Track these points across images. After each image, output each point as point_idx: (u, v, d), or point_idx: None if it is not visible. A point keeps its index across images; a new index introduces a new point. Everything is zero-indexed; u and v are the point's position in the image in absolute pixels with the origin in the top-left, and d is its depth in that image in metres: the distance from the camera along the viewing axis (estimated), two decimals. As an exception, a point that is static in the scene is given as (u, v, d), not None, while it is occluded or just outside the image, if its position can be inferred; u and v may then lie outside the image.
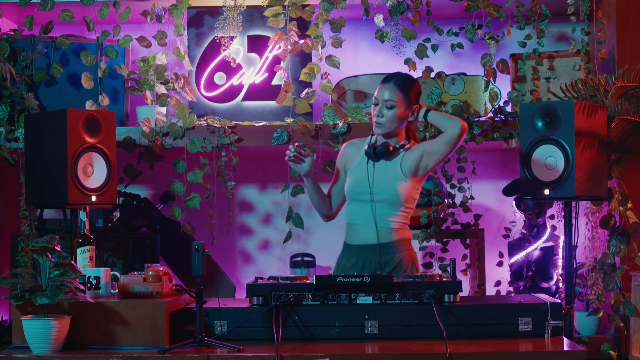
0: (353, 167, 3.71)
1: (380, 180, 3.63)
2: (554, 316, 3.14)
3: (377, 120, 3.62)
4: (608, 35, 4.69)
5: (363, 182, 3.64)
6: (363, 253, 3.65)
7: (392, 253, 3.64)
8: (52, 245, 3.04)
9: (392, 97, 3.60)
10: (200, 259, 3.02)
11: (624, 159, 4.33)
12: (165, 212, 4.94)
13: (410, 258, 3.70)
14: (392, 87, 3.61)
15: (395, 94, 3.60)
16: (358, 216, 3.68)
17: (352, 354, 2.95)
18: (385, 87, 3.62)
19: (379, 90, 3.63)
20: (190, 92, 4.76)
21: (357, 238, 3.68)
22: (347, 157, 3.77)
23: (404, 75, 3.68)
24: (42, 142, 3.93)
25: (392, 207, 3.63)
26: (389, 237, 3.65)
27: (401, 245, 3.66)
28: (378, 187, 3.62)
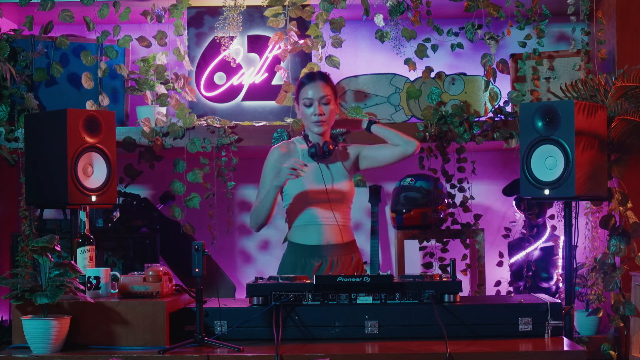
0: None
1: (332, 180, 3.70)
2: (554, 316, 3.14)
3: (320, 118, 3.69)
4: (608, 35, 4.69)
5: (318, 183, 3.67)
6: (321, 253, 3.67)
7: (354, 252, 3.72)
8: (52, 245, 3.04)
9: (327, 93, 3.71)
10: (200, 259, 3.02)
11: (624, 159, 4.33)
12: (165, 212, 4.94)
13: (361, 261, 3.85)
14: (322, 84, 3.72)
15: (327, 89, 3.73)
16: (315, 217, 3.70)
17: (352, 354, 2.95)
18: (315, 86, 3.71)
19: (310, 90, 3.70)
20: (190, 92, 4.76)
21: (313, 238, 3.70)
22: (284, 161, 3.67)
23: (320, 72, 3.82)
24: (42, 142, 3.93)
25: (343, 205, 3.70)
26: (349, 236, 3.71)
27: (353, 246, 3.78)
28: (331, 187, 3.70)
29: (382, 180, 5.16)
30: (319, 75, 3.76)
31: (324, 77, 3.77)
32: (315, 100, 3.69)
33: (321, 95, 3.69)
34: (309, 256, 3.70)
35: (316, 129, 3.70)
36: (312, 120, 3.69)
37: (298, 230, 3.75)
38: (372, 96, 4.83)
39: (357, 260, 3.79)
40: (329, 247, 3.70)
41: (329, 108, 3.71)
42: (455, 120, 4.60)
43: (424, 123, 4.63)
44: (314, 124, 3.69)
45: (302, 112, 3.74)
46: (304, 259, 3.71)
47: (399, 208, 4.77)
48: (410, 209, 4.75)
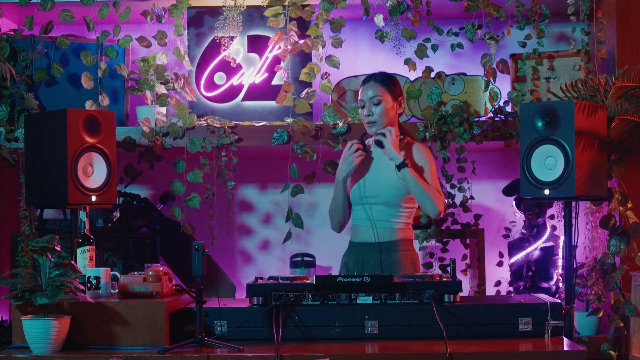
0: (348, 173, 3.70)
1: (377, 182, 3.63)
2: (554, 316, 3.14)
3: (369, 119, 3.64)
4: (608, 35, 4.69)
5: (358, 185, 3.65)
6: (363, 251, 3.66)
7: (391, 252, 3.64)
8: (52, 245, 3.04)
9: (377, 93, 3.63)
10: (200, 259, 3.02)
11: (624, 159, 4.33)
12: (165, 212, 4.94)
13: (410, 258, 3.70)
14: (374, 84, 3.65)
15: (379, 89, 3.64)
16: (358, 217, 3.69)
17: (352, 354, 2.95)
18: (368, 87, 3.65)
19: (362, 91, 3.66)
20: (190, 92, 4.76)
21: (359, 236, 3.69)
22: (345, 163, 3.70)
23: (382, 73, 3.73)
24: (42, 142, 3.93)
25: (390, 207, 3.64)
26: (388, 237, 3.65)
27: (400, 245, 3.66)
28: (376, 190, 3.63)
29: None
30: (374, 76, 3.68)
31: (379, 77, 3.68)
32: (366, 102, 3.63)
33: (370, 96, 3.62)
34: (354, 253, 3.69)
35: (369, 130, 3.66)
36: (364, 121, 3.65)
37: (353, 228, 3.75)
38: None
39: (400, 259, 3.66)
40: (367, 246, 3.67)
41: (380, 108, 3.61)
42: (455, 120, 4.60)
43: (424, 123, 4.63)
44: (366, 125, 3.65)
45: (360, 112, 3.70)
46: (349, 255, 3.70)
47: (399, 208, 4.77)
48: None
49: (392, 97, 3.66)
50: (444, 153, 4.60)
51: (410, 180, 3.57)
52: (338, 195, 3.69)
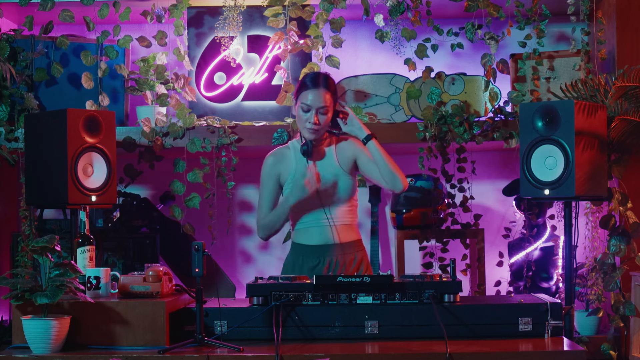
0: (290, 176, 3.70)
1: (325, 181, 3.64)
2: (554, 316, 3.14)
3: (313, 127, 3.61)
4: (608, 35, 4.69)
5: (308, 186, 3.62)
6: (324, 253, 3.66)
7: (354, 252, 3.68)
8: (52, 245, 3.04)
9: (327, 104, 3.62)
10: (200, 259, 3.02)
11: (624, 159, 4.33)
12: (165, 212, 4.94)
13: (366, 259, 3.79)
14: (324, 92, 3.61)
15: (328, 99, 3.62)
16: (309, 220, 3.69)
17: (352, 354, 2.95)
18: (318, 93, 3.60)
19: (311, 96, 3.60)
20: (190, 92, 4.76)
21: (315, 239, 3.69)
22: (278, 168, 3.72)
23: (326, 76, 3.67)
24: (42, 142, 3.93)
25: (340, 204, 3.65)
26: (348, 237, 3.67)
27: (359, 244, 3.71)
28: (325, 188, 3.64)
29: (382, 180, 5.15)
30: (323, 82, 3.63)
31: (327, 83, 3.64)
32: (313, 109, 3.60)
33: (320, 106, 3.59)
34: (307, 256, 3.70)
35: (307, 134, 3.64)
36: (306, 126, 3.62)
37: (298, 232, 3.75)
38: (372, 96, 4.83)
39: (360, 260, 3.75)
40: (326, 248, 3.68)
41: (325, 118, 3.62)
42: (455, 120, 4.60)
43: (424, 123, 4.63)
44: (306, 130, 3.63)
45: (298, 113, 3.65)
46: (302, 258, 3.71)
47: (399, 208, 4.78)
48: (410, 209, 4.75)
49: (333, 105, 3.66)
50: (444, 153, 4.60)
51: (377, 152, 3.60)
52: (281, 215, 3.67)
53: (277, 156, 3.76)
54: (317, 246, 3.68)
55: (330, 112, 3.64)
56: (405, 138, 4.66)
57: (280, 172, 3.73)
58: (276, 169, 3.73)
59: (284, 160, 3.73)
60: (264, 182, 3.76)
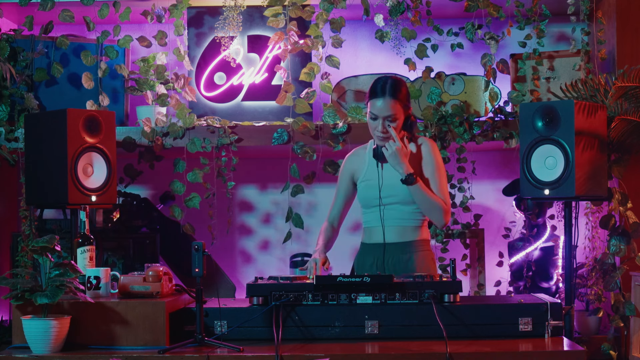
0: (362, 175, 3.71)
1: (390, 183, 3.62)
2: (554, 316, 3.14)
3: (383, 135, 3.56)
4: (608, 35, 4.69)
5: (374, 187, 3.64)
6: (378, 252, 3.65)
7: (408, 252, 3.64)
8: (52, 245, 3.04)
9: (393, 112, 3.55)
10: (200, 259, 3.02)
11: (624, 159, 4.33)
12: (165, 212, 4.94)
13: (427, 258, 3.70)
14: (390, 101, 3.54)
15: (394, 107, 3.54)
16: (374, 219, 3.68)
17: (352, 354, 2.94)
18: (384, 102, 3.53)
19: (376, 105, 3.54)
20: (190, 92, 4.76)
21: (375, 238, 3.69)
22: (353, 167, 3.74)
23: (394, 82, 3.58)
24: (42, 142, 3.93)
25: (406, 206, 3.63)
26: (404, 237, 3.64)
27: (417, 245, 3.66)
28: (389, 190, 3.62)
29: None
30: (389, 90, 3.53)
31: (394, 91, 3.54)
32: (380, 118, 3.54)
33: (387, 115, 3.53)
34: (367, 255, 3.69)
35: (378, 141, 3.61)
36: (375, 134, 3.59)
37: (365, 231, 3.75)
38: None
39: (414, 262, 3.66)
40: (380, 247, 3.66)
41: (394, 125, 3.55)
42: (455, 120, 4.60)
43: (424, 123, 4.63)
44: (376, 138, 3.60)
45: (368, 120, 3.60)
46: (362, 257, 3.70)
47: (399, 208, 4.77)
48: (410, 209, 4.74)
49: (404, 110, 3.60)
50: (444, 153, 4.60)
51: (418, 194, 3.55)
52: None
53: (354, 156, 3.78)
54: (374, 245, 3.68)
55: (399, 119, 3.58)
56: (405, 138, 4.65)
57: (354, 169, 3.74)
58: (351, 167, 3.75)
59: (359, 159, 3.75)
60: (340, 180, 3.78)
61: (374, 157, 3.63)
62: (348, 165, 3.77)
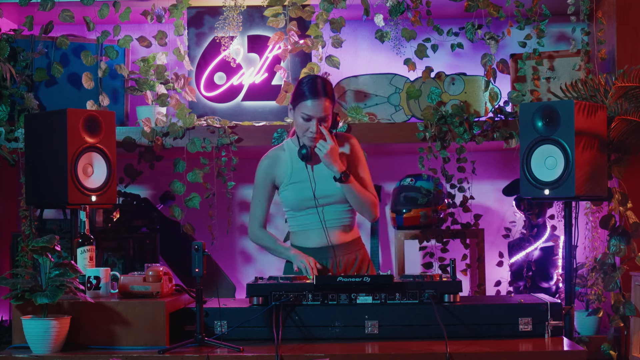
0: (287, 178, 3.69)
1: (321, 183, 3.63)
2: (554, 316, 3.14)
3: (315, 136, 3.58)
4: (608, 35, 4.69)
5: (307, 188, 3.63)
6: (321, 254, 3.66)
7: (354, 252, 3.68)
8: (52, 245, 3.04)
9: (328, 113, 3.59)
10: (200, 259, 3.02)
11: (624, 159, 4.33)
12: (165, 212, 4.94)
13: (367, 256, 3.77)
14: (325, 102, 3.57)
15: (329, 107, 3.60)
16: (308, 222, 3.68)
17: (352, 354, 2.95)
18: (318, 103, 3.55)
19: (311, 106, 3.55)
20: (190, 92, 4.76)
21: (312, 241, 3.69)
22: (273, 171, 3.71)
23: (324, 81, 3.62)
24: (42, 142, 3.93)
25: (340, 205, 3.65)
26: (346, 237, 3.67)
27: (359, 244, 3.71)
28: (323, 191, 3.63)
29: (382, 180, 5.16)
30: (322, 90, 3.57)
31: (326, 90, 3.58)
32: (314, 119, 3.57)
33: (321, 115, 3.57)
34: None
35: (308, 142, 3.61)
36: (307, 135, 3.59)
37: (296, 234, 3.75)
38: (372, 96, 4.83)
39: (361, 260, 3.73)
40: (325, 250, 3.68)
41: (326, 124, 3.60)
42: (455, 120, 4.60)
43: (424, 123, 4.63)
44: (307, 138, 3.60)
45: (297, 121, 3.61)
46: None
47: (399, 208, 4.78)
48: (410, 209, 4.75)
49: (333, 108, 3.64)
50: (444, 153, 4.60)
51: (351, 192, 3.59)
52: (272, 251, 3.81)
53: (272, 159, 3.73)
54: (315, 249, 3.68)
55: (330, 119, 3.63)
56: (405, 138, 4.66)
57: (275, 175, 3.72)
58: (271, 173, 3.71)
59: (279, 162, 3.72)
60: (258, 186, 3.73)
61: (302, 159, 3.62)
62: (267, 169, 3.71)
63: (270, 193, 3.74)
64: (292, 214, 3.71)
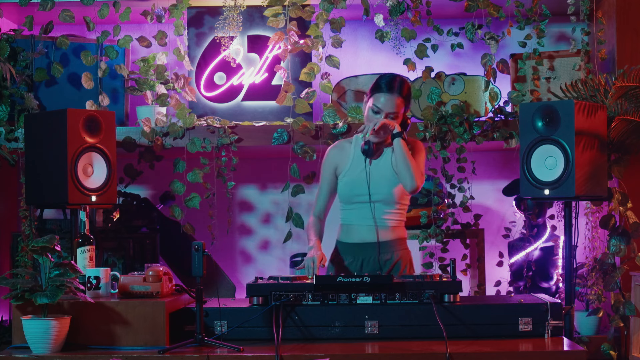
0: (345, 170, 3.71)
1: (375, 180, 3.64)
2: (554, 316, 3.14)
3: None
4: (608, 35, 4.69)
5: (360, 183, 3.64)
6: (361, 251, 3.66)
7: (390, 252, 3.66)
8: (52, 245, 3.04)
9: (398, 110, 3.60)
10: (200, 259, 3.02)
11: (624, 159, 4.33)
12: (165, 212, 4.94)
13: (408, 257, 3.73)
14: (397, 97, 3.59)
15: (400, 104, 3.61)
16: (355, 217, 3.68)
17: (352, 354, 2.95)
18: (391, 98, 3.58)
19: (383, 99, 3.58)
20: (190, 92, 4.76)
21: (355, 237, 3.69)
22: (336, 160, 3.75)
23: (402, 80, 3.64)
24: (42, 142, 3.93)
25: (387, 205, 3.65)
26: (387, 236, 3.66)
27: (398, 244, 3.69)
28: (374, 187, 3.63)
29: (382, 180, 5.15)
30: (398, 87, 3.59)
31: (402, 89, 3.60)
32: (383, 112, 3.58)
33: (392, 111, 3.58)
34: (346, 254, 3.69)
35: (372, 138, 3.64)
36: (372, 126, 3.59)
37: (344, 228, 3.75)
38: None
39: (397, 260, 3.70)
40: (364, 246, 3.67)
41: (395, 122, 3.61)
42: (455, 120, 4.60)
43: (424, 123, 4.63)
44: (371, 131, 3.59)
45: (368, 113, 3.62)
46: (341, 256, 3.71)
47: (399, 208, 4.77)
48: (410, 209, 4.73)
49: (405, 109, 3.66)
50: (444, 153, 4.60)
51: (399, 149, 3.57)
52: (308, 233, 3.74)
53: (338, 148, 3.78)
54: (356, 244, 3.68)
55: (399, 118, 3.63)
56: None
57: (337, 163, 3.74)
58: (335, 160, 3.75)
59: (343, 152, 3.75)
60: (323, 172, 3.78)
61: (363, 153, 3.63)
62: (331, 158, 3.76)
63: (333, 183, 3.75)
64: (344, 206, 3.73)
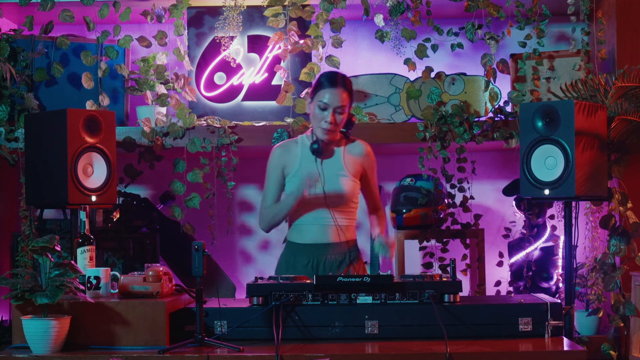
0: (294, 170, 3.71)
1: (327, 180, 3.64)
2: (554, 316, 3.14)
3: (330, 127, 3.61)
4: (608, 35, 4.69)
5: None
6: (315, 252, 3.67)
7: (344, 253, 3.68)
8: (52, 245, 3.04)
9: (345, 103, 3.63)
10: (200, 259, 3.02)
11: (624, 159, 4.33)
12: (165, 212, 4.94)
13: (361, 259, 3.81)
14: (342, 93, 3.62)
15: (346, 98, 3.64)
16: (307, 216, 3.69)
17: (352, 354, 2.95)
18: (336, 92, 3.61)
19: (328, 94, 3.61)
20: (190, 92, 4.76)
21: (307, 237, 3.69)
22: (284, 160, 3.75)
23: (343, 76, 3.69)
24: (42, 142, 3.93)
25: (340, 205, 3.66)
26: (340, 237, 3.67)
27: (352, 245, 3.72)
28: (330, 187, 3.64)
29: (382, 180, 5.14)
30: (341, 81, 3.64)
31: (345, 83, 3.65)
32: (331, 108, 3.60)
33: (338, 105, 3.60)
34: (300, 255, 3.70)
35: (321, 135, 3.64)
36: (321, 125, 3.62)
37: (295, 228, 3.76)
38: (372, 96, 4.83)
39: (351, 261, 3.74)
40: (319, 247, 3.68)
41: (342, 118, 3.64)
42: (455, 120, 4.60)
43: (424, 123, 4.63)
44: (321, 130, 3.63)
45: (314, 112, 3.65)
46: (294, 257, 3.72)
47: (399, 208, 4.77)
48: (410, 209, 4.75)
49: (350, 105, 3.69)
50: (444, 153, 4.60)
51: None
52: (283, 209, 3.68)
53: (284, 148, 3.79)
54: (310, 245, 3.69)
55: (346, 113, 3.65)
56: (405, 138, 4.66)
57: (285, 163, 3.75)
58: (282, 160, 3.75)
59: (290, 153, 3.76)
60: (270, 172, 3.78)
61: (313, 152, 3.64)
62: (278, 158, 3.76)
63: (281, 181, 3.77)
64: (298, 208, 3.72)
